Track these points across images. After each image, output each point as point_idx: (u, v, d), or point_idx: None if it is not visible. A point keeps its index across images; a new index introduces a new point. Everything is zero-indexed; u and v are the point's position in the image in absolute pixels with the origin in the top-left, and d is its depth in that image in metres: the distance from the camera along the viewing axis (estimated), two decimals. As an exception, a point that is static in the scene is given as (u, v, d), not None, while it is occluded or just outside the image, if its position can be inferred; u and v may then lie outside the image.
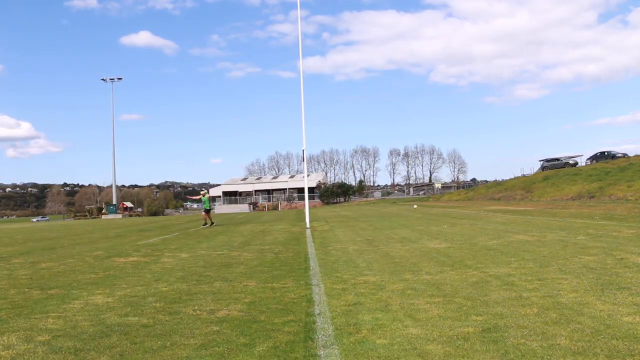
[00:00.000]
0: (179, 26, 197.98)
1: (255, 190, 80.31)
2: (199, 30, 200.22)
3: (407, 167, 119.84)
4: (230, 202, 76.64)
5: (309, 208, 21.92)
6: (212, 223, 23.68)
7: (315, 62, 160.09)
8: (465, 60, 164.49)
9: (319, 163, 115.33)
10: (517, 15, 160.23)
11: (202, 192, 24.61)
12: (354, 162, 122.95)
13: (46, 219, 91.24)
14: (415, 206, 41.70)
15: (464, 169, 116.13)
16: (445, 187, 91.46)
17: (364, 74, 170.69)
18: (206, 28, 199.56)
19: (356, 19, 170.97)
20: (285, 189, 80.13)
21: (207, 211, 23.85)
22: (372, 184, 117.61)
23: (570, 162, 52.57)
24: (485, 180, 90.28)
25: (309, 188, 27.46)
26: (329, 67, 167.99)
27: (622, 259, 7.30)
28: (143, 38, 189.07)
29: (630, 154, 47.56)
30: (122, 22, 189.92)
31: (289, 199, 75.01)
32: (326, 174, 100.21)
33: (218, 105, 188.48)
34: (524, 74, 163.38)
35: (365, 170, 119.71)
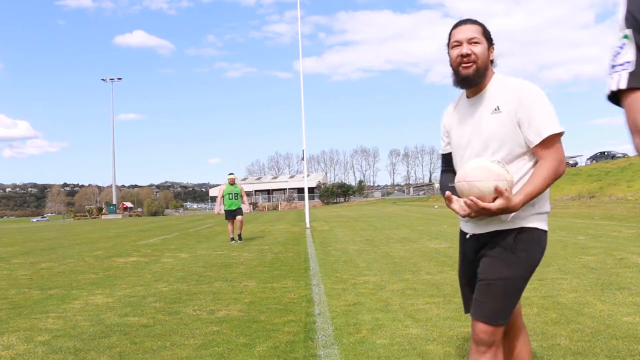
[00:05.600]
0: (175, 26, 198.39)
1: (255, 190, 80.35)
2: (195, 30, 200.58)
3: (407, 167, 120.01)
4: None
5: (309, 208, 21.93)
6: (239, 237, 13.12)
7: (312, 63, 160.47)
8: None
9: (319, 163, 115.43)
10: (513, 16, 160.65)
11: (230, 177, 13.19)
12: (353, 162, 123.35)
13: (46, 219, 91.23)
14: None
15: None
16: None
17: (361, 74, 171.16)
18: (202, 28, 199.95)
19: (352, 19, 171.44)
20: (285, 189, 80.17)
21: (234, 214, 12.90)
22: (372, 184, 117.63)
23: (570, 162, 52.57)
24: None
25: (309, 188, 27.48)
26: (326, 68, 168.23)
27: (622, 259, 7.30)
28: (139, 38, 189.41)
29: (630, 154, 47.54)
30: (117, 21, 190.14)
31: (289, 199, 75.01)
32: (326, 174, 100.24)
33: (216, 105, 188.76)
34: (521, 74, 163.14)
35: (365, 171, 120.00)
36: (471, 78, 2.08)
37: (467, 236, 2.24)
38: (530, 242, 2.06)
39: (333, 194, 73.89)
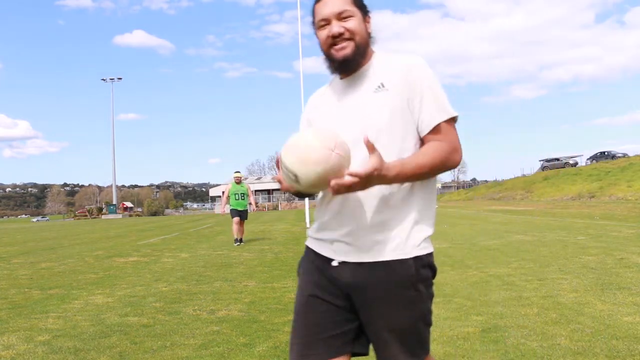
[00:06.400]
0: (175, 26, 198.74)
1: (256, 190, 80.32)
2: (195, 30, 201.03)
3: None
4: (230, 202, 76.63)
5: (309, 208, 21.92)
6: (240, 240, 12.27)
7: (312, 63, 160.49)
8: (462, 60, 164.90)
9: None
10: (513, 16, 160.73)
11: (236, 175, 12.59)
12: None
13: (46, 219, 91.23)
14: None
15: (464, 169, 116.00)
16: (445, 187, 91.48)
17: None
18: (202, 28, 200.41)
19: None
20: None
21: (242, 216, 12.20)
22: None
23: (570, 162, 52.59)
24: (485, 180, 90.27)
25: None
26: (326, 68, 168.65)
27: (622, 259, 7.30)
28: (138, 38, 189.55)
29: (630, 154, 47.58)
30: (117, 21, 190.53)
31: (289, 199, 75.02)
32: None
33: (216, 105, 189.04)
34: (521, 74, 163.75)
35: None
36: (351, 59, 1.67)
37: (334, 263, 1.68)
38: (427, 269, 1.70)
39: (333, 194, 73.70)
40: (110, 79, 74.73)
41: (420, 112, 1.64)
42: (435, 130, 1.64)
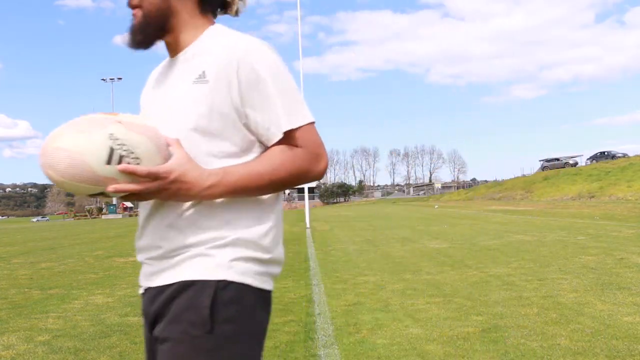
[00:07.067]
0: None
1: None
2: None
3: (407, 167, 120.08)
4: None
5: (309, 208, 21.92)
6: None
7: (312, 63, 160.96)
8: (462, 60, 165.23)
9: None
10: (513, 16, 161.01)
11: None
12: (354, 162, 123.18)
13: (46, 219, 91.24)
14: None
15: (464, 169, 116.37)
16: (445, 187, 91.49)
17: (361, 73, 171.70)
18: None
19: (352, 19, 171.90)
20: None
21: None
22: (372, 184, 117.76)
23: (570, 162, 52.59)
24: (485, 180, 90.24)
25: (309, 188, 27.47)
26: (326, 67, 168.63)
27: (622, 259, 7.30)
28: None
29: (630, 154, 47.58)
30: (117, 21, 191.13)
31: (289, 199, 75.04)
32: (326, 174, 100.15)
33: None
34: (521, 74, 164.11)
35: (365, 170, 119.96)
36: (134, 32, 1.26)
37: (141, 291, 1.36)
38: (241, 306, 1.20)
39: (333, 194, 73.95)
40: (110, 79, 74.73)
41: (261, 115, 1.20)
42: (287, 136, 1.21)
